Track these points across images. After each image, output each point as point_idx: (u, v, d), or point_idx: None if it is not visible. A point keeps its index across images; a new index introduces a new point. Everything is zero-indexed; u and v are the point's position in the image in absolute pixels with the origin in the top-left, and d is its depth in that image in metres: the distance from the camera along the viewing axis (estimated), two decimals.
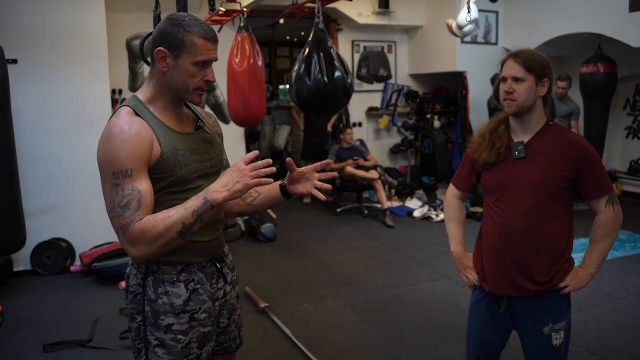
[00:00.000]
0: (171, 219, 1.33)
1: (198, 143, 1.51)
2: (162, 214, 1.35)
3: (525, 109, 1.73)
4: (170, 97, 1.47)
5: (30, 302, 3.68)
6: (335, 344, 3.02)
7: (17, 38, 3.95)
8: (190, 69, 1.41)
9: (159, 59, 1.41)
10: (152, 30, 2.70)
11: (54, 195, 4.18)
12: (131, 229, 1.33)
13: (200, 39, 1.40)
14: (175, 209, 1.35)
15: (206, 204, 1.35)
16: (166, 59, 1.41)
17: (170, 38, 1.39)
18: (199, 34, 1.40)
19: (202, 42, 1.40)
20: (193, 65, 1.40)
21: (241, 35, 3.44)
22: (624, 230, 4.86)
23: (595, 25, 5.13)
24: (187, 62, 1.40)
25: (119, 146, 1.35)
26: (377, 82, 7.11)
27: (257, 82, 3.47)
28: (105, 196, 1.38)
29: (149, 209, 1.37)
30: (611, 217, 1.74)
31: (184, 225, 1.34)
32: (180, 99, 1.48)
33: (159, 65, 1.42)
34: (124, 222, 1.34)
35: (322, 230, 5.40)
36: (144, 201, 1.36)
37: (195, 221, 1.35)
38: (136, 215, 1.34)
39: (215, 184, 1.37)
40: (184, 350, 1.49)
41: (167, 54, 1.40)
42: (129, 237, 1.34)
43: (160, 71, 1.43)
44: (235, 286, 1.69)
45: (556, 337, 1.77)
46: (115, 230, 1.38)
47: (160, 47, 1.40)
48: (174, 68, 1.41)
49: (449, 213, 2.01)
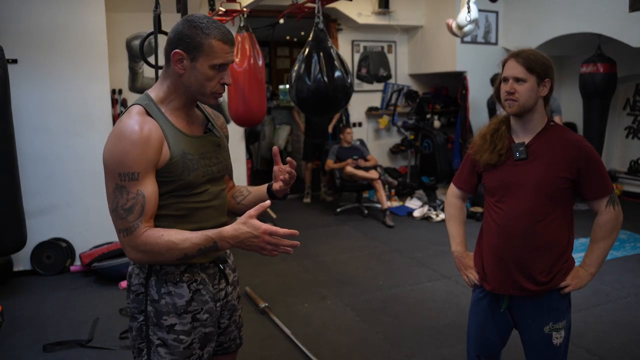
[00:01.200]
0: (176, 246, 1.33)
1: (207, 147, 1.51)
2: (168, 236, 1.34)
3: (527, 110, 1.72)
4: (185, 99, 1.46)
5: (30, 302, 3.67)
6: (335, 344, 3.02)
7: (17, 38, 3.95)
8: (208, 72, 1.39)
9: (175, 61, 1.39)
10: (152, 31, 2.72)
11: (54, 195, 4.18)
12: (134, 235, 1.34)
13: (218, 42, 1.38)
14: (182, 238, 1.34)
15: (214, 246, 1.35)
16: (183, 62, 1.39)
17: (188, 40, 1.37)
18: (217, 37, 1.38)
19: (220, 45, 1.38)
20: (210, 69, 1.39)
21: (241, 35, 3.44)
22: (624, 230, 4.86)
23: (595, 25, 5.13)
24: (205, 65, 1.38)
25: (128, 148, 1.34)
26: (377, 82, 7.11)
27: (257, 82, 3.48)
28: (109, 195, 1.37)
29: (152, 214, 1.38)
30: (612, 218, 1.74)
31: (185, 255, 1.35)
32: (195, 100, 1.48)
33: (176, 68, 1.40)
34: (127, 225, 1.35)
35: (322, 230, 5.40)
36: (147, 206, 1.35)
37: (197, 255, 1.37)
38: (139, 222, 1.34)
39: (231, 235, 1.33)
40: (186, 351, 1.49)
41: (184, 57, 1.38)
42: (130, 241, 1.35)
43: (176, 73, 1.41)
44: (237, 287, 1.70)
45: (556, 337, 1.77)
46: (116, 231, 1.38)
47: (177, 49, 1.38)
48: (191, 71, 1.39)
49: (450, 213, 2.01)
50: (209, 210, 1.51)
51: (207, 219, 1.50)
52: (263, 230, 1.30)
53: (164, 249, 1.34)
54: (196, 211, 1.48)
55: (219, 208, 1.56)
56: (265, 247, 1.32)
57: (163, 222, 1.43)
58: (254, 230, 1.31)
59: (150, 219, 1.37)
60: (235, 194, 1.72)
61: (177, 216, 1.45)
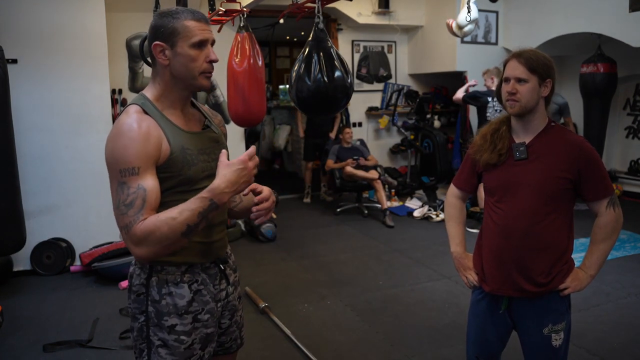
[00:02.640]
0: (175, 220, 1.31)
1: (205, 142, 1.52)
2: (165, 214, 1.33)
3: (528, 110, 1.72)
4: (177, 93, 1.47)
5: (30, 302, 3.67)
6: (335, 344, 3.02)
7: (17, 38, 3.95)
8: (190, 53, 1.41)
9: (157, 53, 1.42)
10: None
11: (54, 195, 4.18)
12: (134, 228, 1.32)
13: (190, 22, 1.41)
14: (178, 210, 1.33)
15: (212, 205, 1.34)
16: (165, 52, 1.41)
17: (162, 29, 1.40)
18: (187, 17, 1.41)
19: (193, 23, 1.41)
20: (191, 48, 1.41)
21: (241, 35, 3.44)
22: (624, 230, 4.86)
23: (595, 25, 5.12)
24: (184, 46, 1.40)
25: (127, 143, 1.35)
26: (377, 82, 7.11)
27: (257, 82, 3.47)
28: (112, 194, 1.38)
29: (154, 208, 1.36)
30: (612, 219, 1.74)
31: (188, 227, 1.33)
32: (189, 92, 1.49)
33: (160, 60, 1.42)
34: (127, 221, 1.33)
35: (322, 230, 5.40)
36: (148, 200, 1.34)
37: (200, 222, 1.34)
38: (139, 215, 1.32)
39: (221, 183, 1.34)
40: (186, 351, 1.49)
41: (164, 47, 1.41)
42: (132, 236, 1.33)
43: (162, 66, 1.43)
44: (238, 287, 1.70)
45: (556, 338, 1.77)
46: (119, 229, 1.37)
47: (156, 42, 1.41)
48: (174, 57, 1.41)
49: (450, 213, 2.01)
50: None
51: None
52: (244, 160, 1.38)
53: (164, 228, 1.31)
54: None
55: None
56: (250, 172, 1.39)
57: None
58: (239, 164, 1.37)
59: (152, 211, 1.35)
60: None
61: None
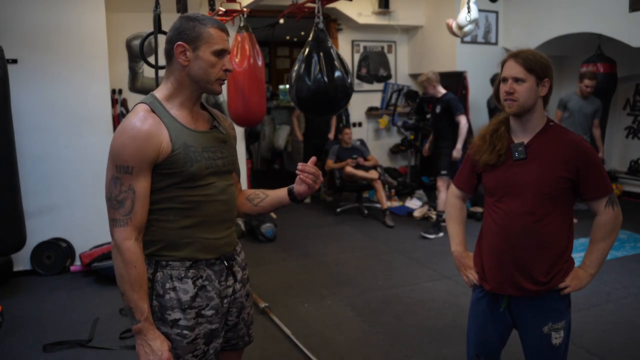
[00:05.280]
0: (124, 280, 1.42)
1: (211, 141, 1.55)
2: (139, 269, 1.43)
3: (526, 110, 1.73)
4: (190, 93, 1.52)
5: (30, 302, 3.68)
6: (335, 344, 3.02)
7: (17, 38, 3.95)
8: (210, 59, 1.47)
9: (179, 53, 1.47)
10: (152, 31, 2.73)
11: (54, 195, 4.18)
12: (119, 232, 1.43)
13: (215, 30, 1.48)
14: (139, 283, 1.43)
15: (132, 317, 1.44)
16: (186, 53, 1.47)
17: (188, 32, 1.47)
18: (213, 25, 1.48)
19: (218, 32, 1.49)
20: (212, 55, 1.48)
21: (241, 35, 3.44)
22: (624, 230, 4.86)
23: (595, 25, 5.12)
24: (207, 52, 1.47)
25: (127, 142, 1.42)
26: (377, 82, 7.11)
27: (257, 82, 3.48)
28: (106, 183, 1.45)
29: (141, 220, 1.45)
30: (611, 218, 1.74)
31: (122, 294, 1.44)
32: (200, 93, 1.54)
33: (180, 60, 1.48)
34: (117, 216, 1.44)
35: (322, 230, 5.40)
36: (136, 205, 1.43)
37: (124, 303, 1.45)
38: (127, 219, 1.43)
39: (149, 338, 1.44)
40: (189, 346, 1.51)
41: (186, 48, 1.47)
42: (115, 233, 1.44)
43: (180, 66, 1.49)
44: (246, 284, 1.72)
45: (556, 337, 1.77)
46: (108, 216, 1.46)
47: (179, 42, 1.47)
48: (195, 60, 1.47)
49: (450, 213, 2.01)
50: (216, 204, 1.54)
51: (213, 213, 1.53)
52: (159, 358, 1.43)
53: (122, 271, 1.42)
54: (201, 204, 1.51)
55: (227, 203, 1.58)
56: None
57: (169, 214, 1.48)
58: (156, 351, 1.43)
59: (138, 226, 1.44)
60: (251, 197, 1.74)
61: (183, 209, 1.49)
